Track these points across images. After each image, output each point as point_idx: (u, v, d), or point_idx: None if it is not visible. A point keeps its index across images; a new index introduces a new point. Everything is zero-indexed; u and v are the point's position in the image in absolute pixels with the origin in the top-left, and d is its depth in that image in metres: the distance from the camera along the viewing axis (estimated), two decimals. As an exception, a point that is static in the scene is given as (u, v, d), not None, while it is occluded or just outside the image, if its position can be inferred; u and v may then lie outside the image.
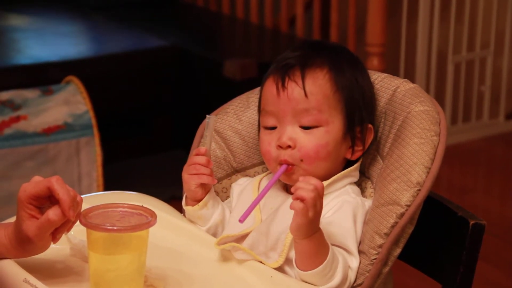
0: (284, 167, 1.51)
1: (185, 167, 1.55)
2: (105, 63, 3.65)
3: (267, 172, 1.63)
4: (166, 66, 3.76)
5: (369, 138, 1.56)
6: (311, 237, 1.38)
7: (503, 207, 3.51)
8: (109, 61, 3.66)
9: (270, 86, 1.55)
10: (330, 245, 1.41)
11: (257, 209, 1.55)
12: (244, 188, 1.62)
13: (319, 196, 1.37)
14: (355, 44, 3.78)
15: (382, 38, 3.47)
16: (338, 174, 1.54)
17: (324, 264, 1.39)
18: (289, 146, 1.51)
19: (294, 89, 1.52)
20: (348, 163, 1.57)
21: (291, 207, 1.37)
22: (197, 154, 1.54)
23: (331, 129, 1.52)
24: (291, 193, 1.55)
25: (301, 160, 1.51)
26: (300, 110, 1.51)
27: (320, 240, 1.39)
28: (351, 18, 3.79)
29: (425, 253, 1.57)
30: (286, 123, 1.52)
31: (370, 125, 1.56)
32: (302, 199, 1.36)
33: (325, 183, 1.51)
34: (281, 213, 1.51)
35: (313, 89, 1.51)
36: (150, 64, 3.73)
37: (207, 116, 1.55)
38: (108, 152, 3.25)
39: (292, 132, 1.52)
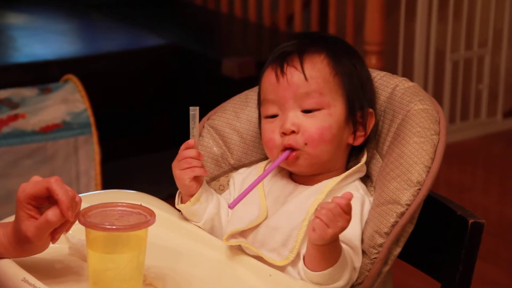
0: (286, 153, 1.50)
1: (175, 163, 1.53)
2: (104, 62, 3.64)
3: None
4: (165, 65, 3.76)
5: (371, 123, 1.56)
6: (328, 244, 1.35)
7: (502, 205, 3.51)
8: (107, 60, 3.66)
9: (269, 75, 1.54)
10: (342, 248, 1.39)
11: (262, 197, 1.54)
12: (247, 176, 1.60)
13: (341, 212, 1.32)
14: (353, 42, 3.78)
15: (380, 36, 3.47)
16: (350, 170, 1.53)
17: (333, 267, 1.37)
18: (293, 132, 1.50)
19: (293, 74, 1.51)
20: (352, 150, 1.57)
21: (312, 224, 1.33)
22: (186, 148, 1.53)
23: (333, 112, 1.51)
24: (298, 182, 1.54)
25: (306, 144, 1.50)
26: (301, 94, 1.50)
27: (336, 245, 1.37)
28: (349, 17, 3.79)
29: (424, 252, 1.56)
30: (287, 109, 1.51)
31: (371, 110, 1.55)
32: (317, 218, 1.33)
33: (338, 179, 1.51)
34: (291, 207, 1.50)
35: (313, 73, 1.51)
36: (148, 63, 3.72)
37: (191, 108, 1.51)
38: (106, 150, 3.25)
39: (294, 117, 1.51)
